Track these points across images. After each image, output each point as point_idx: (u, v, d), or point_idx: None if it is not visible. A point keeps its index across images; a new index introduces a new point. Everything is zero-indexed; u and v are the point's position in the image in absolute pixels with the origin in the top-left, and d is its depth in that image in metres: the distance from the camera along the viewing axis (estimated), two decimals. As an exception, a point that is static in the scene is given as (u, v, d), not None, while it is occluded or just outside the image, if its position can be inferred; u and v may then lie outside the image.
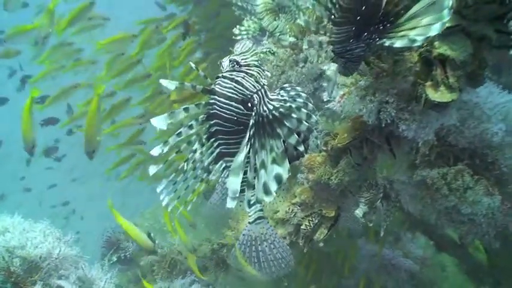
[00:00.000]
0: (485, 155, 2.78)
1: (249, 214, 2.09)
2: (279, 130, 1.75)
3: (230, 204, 1.63)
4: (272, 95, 1.85)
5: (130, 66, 6.96)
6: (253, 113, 1.79)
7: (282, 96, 1.83)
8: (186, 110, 1.71)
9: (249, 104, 1.82)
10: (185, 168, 1.77)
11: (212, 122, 1.82)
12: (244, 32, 2.93)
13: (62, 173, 16.09)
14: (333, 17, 1.97)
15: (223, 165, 1.89)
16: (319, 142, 1.87)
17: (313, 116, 1.76)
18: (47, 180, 14.92)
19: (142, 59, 7.03)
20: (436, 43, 2.18)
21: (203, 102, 1.80)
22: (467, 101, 2.70)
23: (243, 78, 1.83)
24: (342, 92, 2.46)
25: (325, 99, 2.55)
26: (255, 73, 1.85)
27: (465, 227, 2.88)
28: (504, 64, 3.39)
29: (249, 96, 1.82)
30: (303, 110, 1.75)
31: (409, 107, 2.39)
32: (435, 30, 1.77)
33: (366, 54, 2.13)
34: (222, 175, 1.91)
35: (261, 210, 2.07)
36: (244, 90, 1.82)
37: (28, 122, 4.88)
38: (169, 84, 1.67)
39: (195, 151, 1.79)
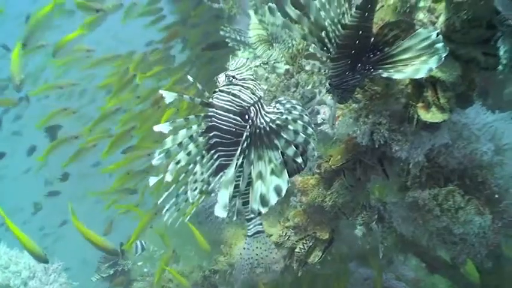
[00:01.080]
0: (475, 175, 2.82)
1: (248, 227, 2.07)
2: (276, 141, 1.77)
3: (219, 213, 1.62)
4: (268, 108, 1.87)
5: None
6: (248, 126, 1.80)
7: (278, 109, 1.85)
8: (186, 120, 1.74)
9: (246, 116, 1.84)
10: (186, 180, 1.77)
11: (211, 134, 1.83)
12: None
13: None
14: (330, 54, 2.03)
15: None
16: (315, 154, 1.87)
17: (310, 128, 1.78)
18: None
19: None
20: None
21: (202, 115, 1.81)
22: (456, 121, 2.75)
23: (240, 91, 1.85)
24: (336, 115, 2.49)
25: (319, 121, 2.58)
26: (251, 86, 1.87)
27: (457, 247, 2.89)
28: (490, 86, 3.48)
29: (247, 108, 1.84)
30: (299, 121, 1.77)
31: (402, 128, 2.43)
32: (434, 62, 1.88)
33: (360, 83, 2.19)
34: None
35: (260, 224, 2.04)
36: (242, 102, 1.84)
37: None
38: (168, 96, 1.68)
39: (195, 163, 1.79)
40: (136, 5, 7.29)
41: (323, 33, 1.97)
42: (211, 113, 1.83)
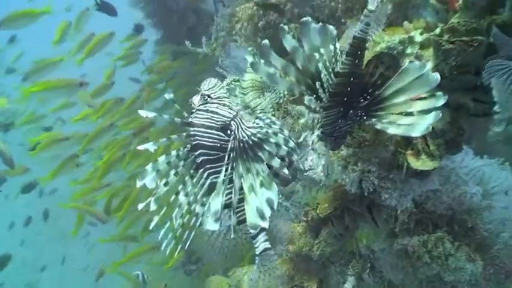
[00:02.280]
0: (464, 221, 2.75)
1: (255, 245, 2.01)
2: (260, 154, 1.77)
3: (210, 226, 1.66)
4: (248, 123, 1.88)
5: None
6: (232, 138, 1.83)
7: (257, 124, 1.86)
8: (169, 139, 1.75)
9: (229, 131, 1.87)
10: (178, 202, 1.75)
11: (197, 153, 1.83)
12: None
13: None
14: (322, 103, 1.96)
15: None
16: (301, 167, 1.84)
17: (291, 141, 1.80)
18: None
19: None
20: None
21: (184, 134, 1.83)
22: (444, 166, 2.69)
23: (217, 107, 1.89)
24: (323, 162, 2.39)
25: (307, 168, 2.48)
26: (227, 103, 1.91)
27: (448, 295, 2.79)
28: (473, 129, 3.46)
29: (227, 122, 1.87)
30: (279, 135, 1.79)
31: (391, 175, 2.36)
32: (432, 118, 1.79)
33: (352, 129, 2.13)
34: None
35: (267, 240, 1.99)
36: (221, 117, 1.87)
37: None
38: (146, 114, 1.72)
39: (184, 183, 1.77)
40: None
41: (316, 83, 1.91)
42: (193, 132, 1.84)
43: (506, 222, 2.84)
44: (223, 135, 1.85)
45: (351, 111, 2.02)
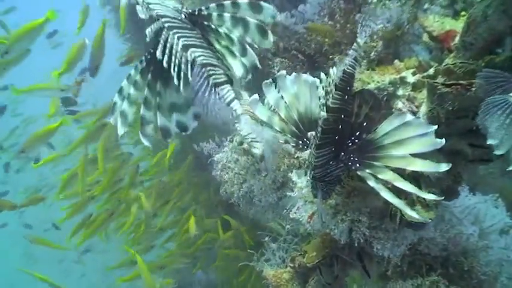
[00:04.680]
0: (460, 263, 2.56)
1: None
2: None
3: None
4: None
5: None
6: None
7: None
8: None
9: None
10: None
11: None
12: None
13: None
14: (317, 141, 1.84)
15: (192, 56, 1.79)
16: None
17: None
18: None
19: None
20: (410, 160, 1.96)
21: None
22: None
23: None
24: (311, 211, 2.17)
25: (291, 216, 2.25)
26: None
27: None
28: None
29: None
30: None
31: (383, 224, 2.13)
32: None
33: (344, 174, 1.96)
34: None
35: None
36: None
37: None
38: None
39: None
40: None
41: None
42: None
43: (504, 263, 2.66)
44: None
45: (342, 153, 1.86)
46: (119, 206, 5.99)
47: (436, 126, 1.67)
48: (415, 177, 1.99)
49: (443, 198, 1.79)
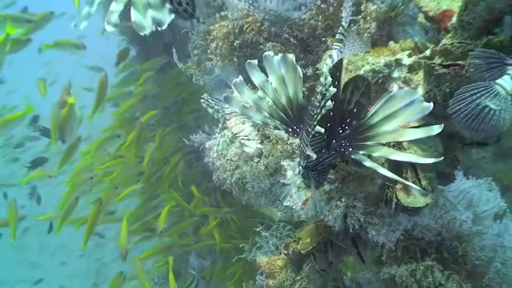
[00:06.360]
0: (454, 248, 2.50)
1: None
2: None
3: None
4: None
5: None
6: None
7: None
8: None
9: None
10: None
11: None
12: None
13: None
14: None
15: None
16: None
17: None
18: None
19: None
20: (405, 144, 1.88)
21: None
22: (431, 189, 2.44)
23: None
24: (305, 197, 2.09)
25: (284, 204, 2.18)
26: None
27: (440, 326, 2.54)
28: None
29: None
30: None
31: (378, 210, 2.06)
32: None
33: (336, 162, 1.89)
34: None
35: None
36: None
37: None
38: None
39: None
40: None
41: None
42: None
43: (498, 249, 2.61)
44: None
45: (334, 141, 1.79)
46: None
47: (421, 91, 1.59)
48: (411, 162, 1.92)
49: (442, 158, 1.69)
